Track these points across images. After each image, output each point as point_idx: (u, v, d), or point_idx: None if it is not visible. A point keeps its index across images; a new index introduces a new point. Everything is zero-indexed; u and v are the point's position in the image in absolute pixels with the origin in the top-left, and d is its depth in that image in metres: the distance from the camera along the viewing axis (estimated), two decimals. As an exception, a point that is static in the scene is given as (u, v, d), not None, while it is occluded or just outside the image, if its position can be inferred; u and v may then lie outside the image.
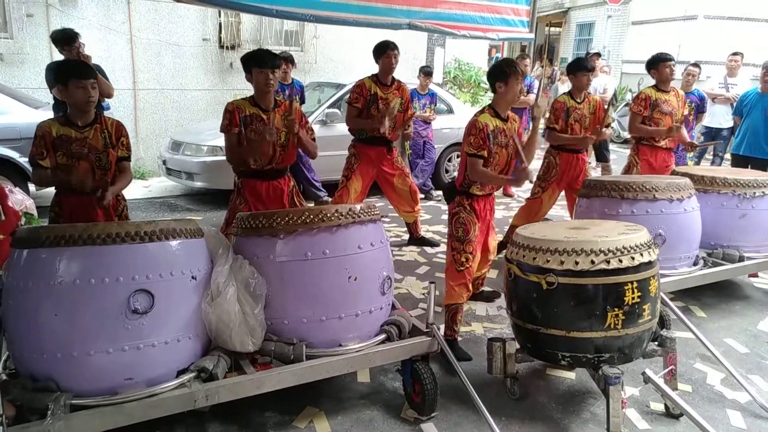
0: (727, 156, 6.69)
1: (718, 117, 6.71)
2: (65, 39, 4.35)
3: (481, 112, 2.99)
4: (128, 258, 1.97)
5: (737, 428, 2.51)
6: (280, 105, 3.23)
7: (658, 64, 4.25)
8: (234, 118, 3.10)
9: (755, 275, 4.16)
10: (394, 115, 4.11)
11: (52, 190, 2.97)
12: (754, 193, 3.65)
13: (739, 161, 5.67)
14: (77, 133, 2.77)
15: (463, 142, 3.01)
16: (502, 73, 2.90)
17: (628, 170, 4.59)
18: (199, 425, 2.37)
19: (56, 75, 2.81)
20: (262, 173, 3.22)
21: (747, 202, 3.66)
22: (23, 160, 5.18)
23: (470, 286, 2.97)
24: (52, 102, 4.84)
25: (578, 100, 4.10)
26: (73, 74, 2.70)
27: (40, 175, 2.76)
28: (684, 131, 4.51)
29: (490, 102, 3.04)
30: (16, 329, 1.99)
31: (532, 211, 4.25)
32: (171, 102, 7.51)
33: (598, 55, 7.40)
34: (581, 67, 4.10)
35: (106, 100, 4.60)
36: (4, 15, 6.55)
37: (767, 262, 3.76)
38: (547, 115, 4.30)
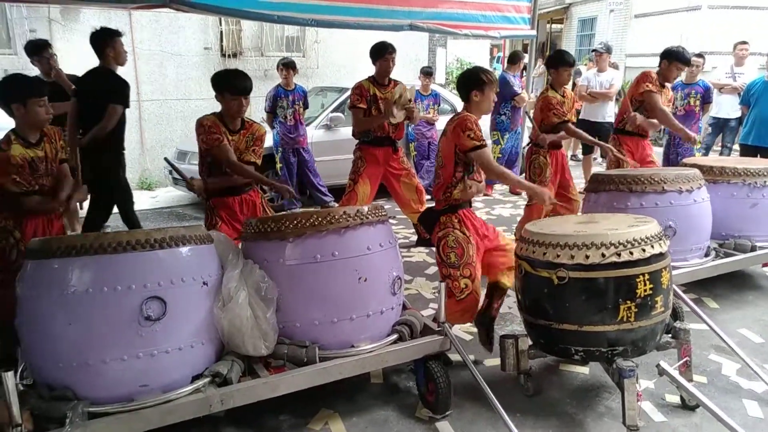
0: (736, 147, 6.63)
1: (726, 107, 6.65)
2: (35, 48, 4.24)
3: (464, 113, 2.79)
4: (139, 265, 1.98)
5: (754, 418, 2.48)
6: (247, 127, 3.13)
7: (672, 61, 4.09)
8: (217, 130, 2.98)
9: (767, 264, 4.12)
10: (402, 103, 4.05)
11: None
12: (765, 181, 3.62)
13: (747, 151, 5.63)
14: (39, 152, 2.63)
15: (447, 148, 2.72)
16: (480, 81, 2.68)
17: (618, 167, 4.31)
18: (215, 430, 2.38)
19: (10, 92, 2.57)
20: (229, 189, 3.10)
21: (757, 191, 3.63)
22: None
23: (475, 310, 2.78)
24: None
25: (561, 94, 4.06)
26: (33, 92, 2.55)
27: (25, 200, 2.60)
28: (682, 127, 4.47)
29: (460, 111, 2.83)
30: (31, 339, 2.01)
31: (534, 216, 4.19)
32: (175, 112, 7.56)
33: (609, 51, 7.23)
34: (563, 62, 3.98)
35: None
36: (8, 31, 6.62)
37: (779, 251, 3.73)
38: (531, 112, 4.21)
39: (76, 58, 6.33)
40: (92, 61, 3.91)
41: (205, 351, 2.14)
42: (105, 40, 3.88)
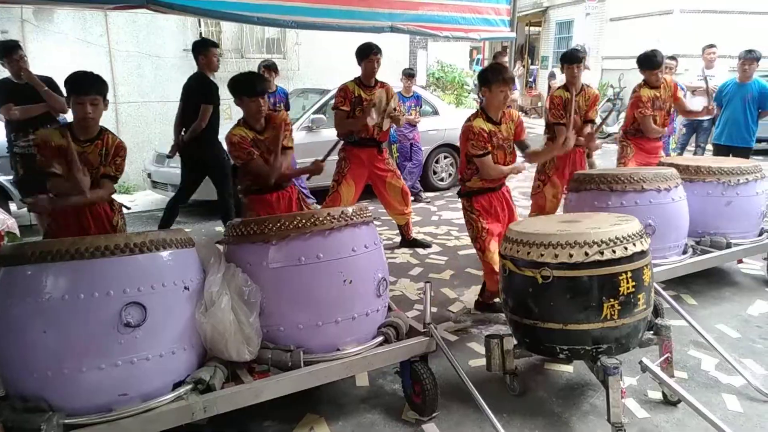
0: (709, 146, 6.79)
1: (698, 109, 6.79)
2: (4, 49, 4.23)
3: (475, 116, 3.04)
4: (118, 271, 1.93)
5: (734, 412, 2.53)
6: (270, 120, 3.19)
7: (644, 69, 4.22)
8: (246, 145, 3.04)
9: (741, 261, 4.22)
10: (382, 108, 4.11)
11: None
12: (738, 180, 3.71)
13: (720, 150, 5.76)
14: (78, 147, 2.64)
15: (462, 148, 3.13)
16: (485, 79, 3.05)
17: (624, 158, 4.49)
18: (198, 438, 2.32)
19: (67, 87, 2.73)
20: (267, 186, 3.18)
21: (731, 190, 3.71)
22: (3, 179, 5.09)
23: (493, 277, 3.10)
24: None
25: (576, 93, 4.08)
26: (73, 89, 2.58)
27: (54, 182, 2.64)
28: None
29: (479, 106, 3.17)
30: (3, 348, 1.93)
31: (539, 206, 4.24)
32: (153, 114, 7.42)
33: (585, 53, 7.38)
34: (564, 59, 4.13)
35: (61, 115, 4.43)
36: (-21, 32, 6.44)
37: (753, 248, 3.82)
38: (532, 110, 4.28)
39: (49, 60, 6.20)
40: (65, 62, 3.84)
41: (186, 357, 2.10)
42: (198, 50, 4.60)
